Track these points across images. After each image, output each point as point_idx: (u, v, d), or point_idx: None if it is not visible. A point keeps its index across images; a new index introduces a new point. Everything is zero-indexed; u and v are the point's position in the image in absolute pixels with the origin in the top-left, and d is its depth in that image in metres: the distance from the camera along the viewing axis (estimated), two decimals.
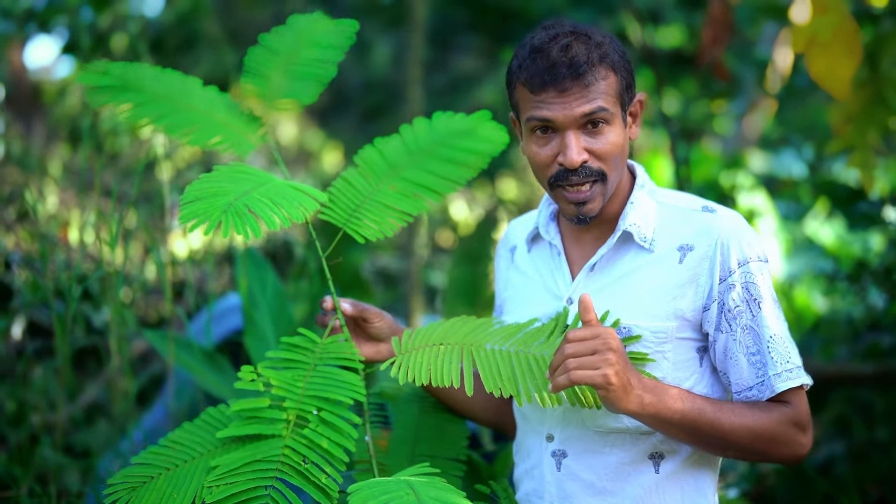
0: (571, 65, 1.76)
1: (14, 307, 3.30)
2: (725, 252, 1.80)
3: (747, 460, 1.81)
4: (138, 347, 3.82)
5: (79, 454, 3.01)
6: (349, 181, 2.02)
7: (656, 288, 1.83)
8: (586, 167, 1.79)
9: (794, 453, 1.80)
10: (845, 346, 4.03)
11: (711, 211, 1.86)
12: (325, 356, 1.90)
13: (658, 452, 1.84)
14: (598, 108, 1.77)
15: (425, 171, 2.03)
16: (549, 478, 1.88)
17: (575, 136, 1.78)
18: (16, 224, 4.09)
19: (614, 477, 1.84)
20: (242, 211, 1.67)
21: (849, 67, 2.51)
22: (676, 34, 6.66)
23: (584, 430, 1.85)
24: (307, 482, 1.73)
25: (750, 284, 1.80)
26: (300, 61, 2.05)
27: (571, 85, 1.76)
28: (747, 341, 1.79)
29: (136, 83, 1.95)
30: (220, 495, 1.69)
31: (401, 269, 5.95)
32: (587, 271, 1.90)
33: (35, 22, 5.00)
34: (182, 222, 1.64)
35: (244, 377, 1.83)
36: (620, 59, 1.83)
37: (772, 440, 1.77)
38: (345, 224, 1.97)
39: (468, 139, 2.07)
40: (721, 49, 3.45)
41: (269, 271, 2.95)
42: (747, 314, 1.79)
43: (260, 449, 1.75)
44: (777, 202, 5.19)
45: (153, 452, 1.80)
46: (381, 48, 10.57)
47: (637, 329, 1.82)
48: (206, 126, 1.95)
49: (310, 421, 1.79)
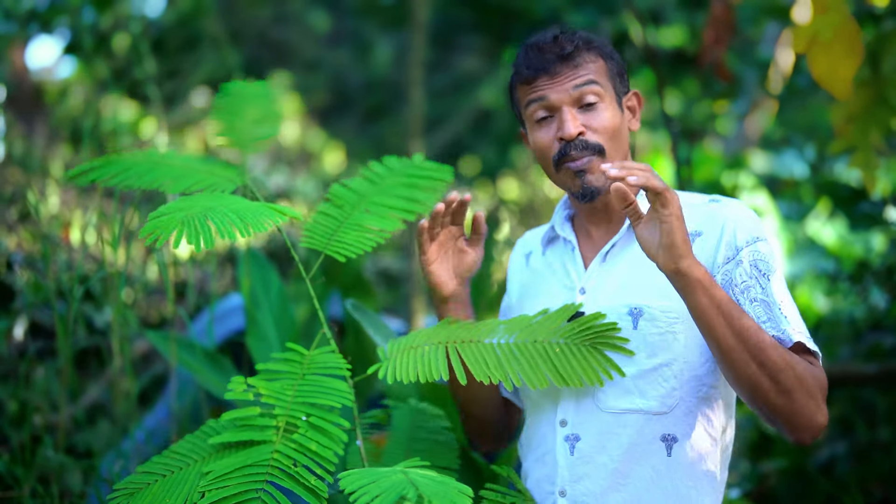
0: (559, 50, 1.90)
1: (16, 308, 3.30)
2: (731, 234, 1.86)
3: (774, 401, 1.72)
4: (140, 348, 3.83)
5: (81, 454, 3.01)
6: (325, 213, 2.19)
7: None
8: (583, 140, 1.89)
9: (815, 417, 1.74)
10: (847, 346, 4.03)
11: (717, 201, 1.93)
12: (314, 366, 1.97)
13: (670, 434, 1.86)
14: (588, 81, 1.90)
15: (393, 196, 2.21)
16: (561, 462, 1.91)
17: (570, 111, 1.90)
18: (18, 224, 4.09)
19: (627, 458, 1.86)
20: (200, 221, 1.78)
21: (850, 67, 2.51)
22: (678, 34, 6.66)
23: (598, 413, 1.88)
24: (297, 484, 1.77)
25: (759, 261, 1.84)
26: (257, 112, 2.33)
27: (561, 67, 1.90)
28: (758, 312, 1.80)
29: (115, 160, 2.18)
30: (212, 499, 1.73)
31: (403, 269, 5.96)
32: (600, 260, 1.96)
33: (37, 22, 5.01)
34: (140, 236, 1.77)
35: (235, 388, 1.89)
36: (610, 52, 1.96)
37: (801, 381, 1.72)
38: (325, 248, 2.11)
39: (420, 170, 2.26)
40: (723, 49, 3.45)
41: (272, 272, 2.96)
42: (756, 288, 1.82)
43: (251, 454, 1.80)
44: (779, 202, 5.19)
45: (154, 462, 1.86)
46: (383, 48, 10.57)
47: (648, 309, 1.86)
48: (185, 175, 2.15)
49: (299, 426, 1.84)
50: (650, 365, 1.85)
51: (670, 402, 1.85)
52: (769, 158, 6.91)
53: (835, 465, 3.46)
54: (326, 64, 10.59)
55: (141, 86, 4.15)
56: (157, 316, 4.27)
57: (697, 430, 1.87)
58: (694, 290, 1.71)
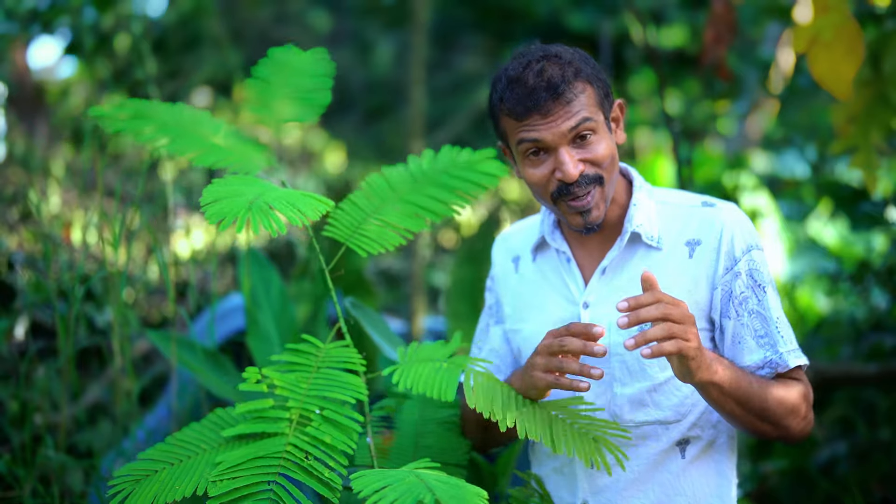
0: (549, 87, 1.84)
1: (17, 307, 3.31)
2: (730, 242, 1.89)
3: (767, 435, 1.89)
4: (141, 348, 3.83)
5: (82, 454, 3.01)
6: (354, 202, 2.12)
7: (672, 284, 1.90)
8: (585, 176, 1.86)
9: (806, 427, 1.89)
10: (848, 346, 4.03)
11: (711, 205, 1.95)
12: (328, 359, 1.96)
13: (685, 439, 1.92)
14: (583, 119, 1.84)
15: (426, 196, 2.14)
16: (581, 475, 1.96)
17: (567, 151, 1.85)
18: (19, 224, 4.09)
19: (646, 467, 1.92)
20: (265, 208, 1.73)
21: (851, 67, 2.50)
22: (679, 34, 6.66)
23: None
24: (310, 477, 1.76)
25: (754, 271, 1.89)
26: (301, 89, 2.21)
27: (553, 106, 1.84)
28: (755, 325, 1.88)
29: (147, 112, 2.11)
30: (223, 489, 1.72)
31: (404, 269, 5.96)
32: (599, 274, 1.96)
33: (38, 22, 5.00)
34: (210, 222, 1.71)
35: (249, 378, 1.87)
36: (593, 71, 1.91)
37: (793, 412, 1.85)
38: (347, 239, 2.07)
39: (469, 171, 2.19)
40: (724, 49, 3.45)
41: (273, 272, 2.96)
42: (753, 299, 1.88)
43: (263, 446, 1.79)
44: (780, 202, 5.18)
45: (159, 449, 1.84)
46: (384, 48, 10.57)
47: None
48: (213, 149, 2.09)
49: (312, 419, 1.83)
50: (663, 378, 1.90)
51: (683, 409, 1.91)
52: (770, 158, 6.90)
53: (835, 465, 3.45)
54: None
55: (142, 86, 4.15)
56: (158, 316, 4.27)
57: (706, 428, 1.93)
58: (707, 391, 1.79)
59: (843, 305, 4.67)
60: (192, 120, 2.15)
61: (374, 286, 3.64)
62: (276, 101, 2.19)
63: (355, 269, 3.39)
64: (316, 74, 2.23)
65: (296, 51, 2.28)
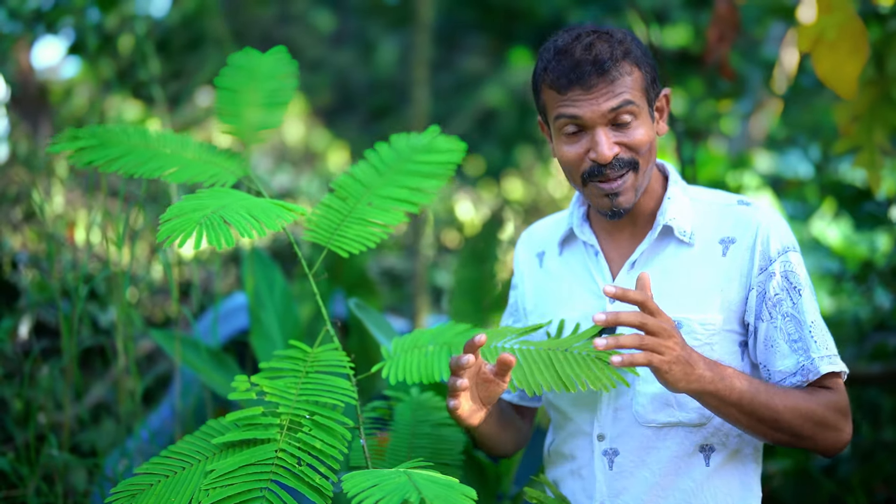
0: (596, 62, 1.79)
1: (21, 307, 3.31)
2: (765, 242, 1.84)
3: (793, 446, 1.83)
4: (144, 347, 3.83)
5: (85, 453, 3.01)
6: (328, 205, 2.14)
7: (703, 281, 1.86)
8: (619, 159, 1.82)
9: (839, 440, 1.81)
10: (852, 346, 4.02)
11: (748, 204, 1.90)
12: (317, 364, 1.96)
13: (708, 444, 1.86)
14: (625, 102, 1.80)
15: (397, 187, 2.15)
16: (599, 477, 1.90)
17: (604, 132, 1.81)
18: (23, 224, 4.10)
19: (668, 471, 1.86)
20: (217, 222, 1.75)
21: (855, 67, 2.50)
22: (682, 34, 6.66)
23: (637, 428, 1.87)
24: (302, 483, 1.76)
25: (790, 273, 1.84)
26: (267, 92, 2.23)
27: (597, 82, 1.79)
28: (788, 328, 1.82)
29: (112, 140, 2.11)
30: (216, 497, 1.72)
31: (406, 269, 5.96)
32: (628, 268, 1.92)
33: (42, 22, 5.01)
34: (158, 239, 1.73)
35: (239, 387, 1.88)
36: (643, 55, 1.86)
37: (820, 423, 1.78)
38: (328, 242, 2.08)
39: (429, 153, 2.20)
40: (727, 49, 3.44)
41: (276, 271, 2.96)
42: (787, 302, 1.83)
43: (255, 453, 1.79)
44: (783, 202, 5.18)
45: (154, 462, 1.84)
46: (387, 48, 10.57)
47: (687, 322, 1.84)
48: (186, 165, 2.10)
49: (303, 425, 1.84)
50: None
51: (708, 413, 1.85)
52: (774, 158, 6.90)
53: (838, 465, 3.45)
54: (330, 64, 10.60)
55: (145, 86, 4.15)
56: (162, 315, 4.27)
57: (732, 435, 1.87)
58: (704, 400, 1.75)
59: (847, 305, 4.66)
60: (160, 140, 2.16)
61: (377, 286, 3.64)
62: (245, 108, 2.21)
63: (358, 268, 3.40)
64: (279, 75, 2.26)
65: (255, 54, 2.30)
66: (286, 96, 2.24)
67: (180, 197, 3.43)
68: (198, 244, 1.71)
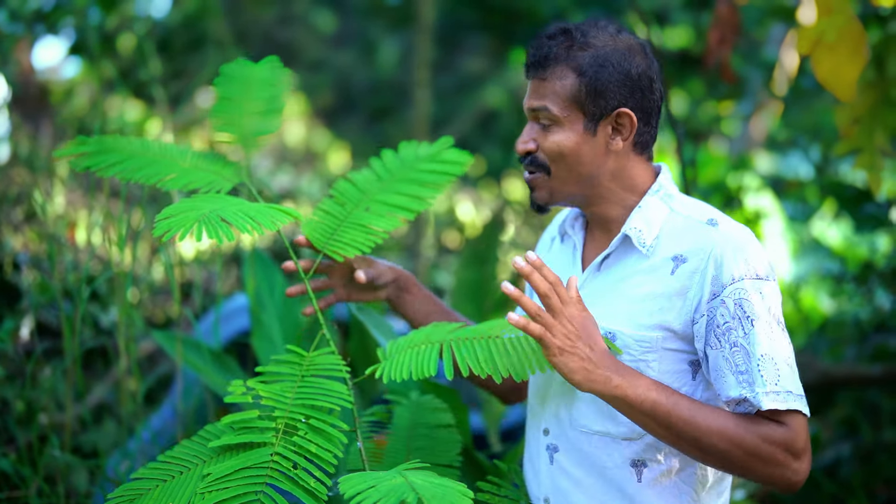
0: (537, 59, 1.86)
1: (22, 308, 3.31)
2: (718, 267, 1.76)
3: (734, 473, 1.76)
4: (146, 348, 3.83)
5: (87, 454, 3.02)
6: (326, 210, 2.16)
7: (645, 296, 1.82)
8: (532, 156, 1.88)
9: (784, 477, 1.72)
10: (852, 347, 4.03)
11: (714, 225, 1.82)
12: (313, 368, 1.97)
13: (640, 460, 1.83)
14: (541, 107, 1.85)
15: (395, 193, 2.18)
16: (543, 469, 1.93)
17: (530, 126, 1.89)
18: (24, 225, 4.10)
19: (600, 478, 1.85)
20: (216, 220, 1.77)
21: (855, 69, 2.50)
22: (683, 35, 6.66)
23: (573, 430, 1.87)
24: (297, 486, 1.77)
25: (743, 301, 1.74)
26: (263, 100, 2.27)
27: (533, 75, 1.88)
28: (736, 359, 1.73)
29: (111, 147, 2.15)
30: (211, 500, 1.73)
31: (407, 269, 5.96)
32: (594, 269, 1.92)
33: (43, 23, 5.02)
34: (155, 235, 1.75)
35: (235, 391, 1.89)
36: (597, 66, 1.82)
37: (754, 455, 1.70)
38: (324, 247, 2.10)
39: (433, 163, 2.23)
40: (727, 50, 3.45)
41: (277, 273, 2.96)
42: (738, 331, 1.74)
43: (250, 457, 1.80)
44: (784, 203, 5.19)
45: (151, 468, 1.85)
46: (388, 48, 10.58)
47: (621, 335, 1.82)
48: (182, 172, 2.14)
49: (299, 428, 1.84)
50: None
51: (640, 429, 1.81)
52: (774, 159, 6.91)
53: (839, 466, 3.46)
54: (331, 64, 10.61)
55: (146, 86, 4.16)
56: (163, 316, 4.28)
57: (668, 456, 1.83)
58: (617, 405, 1.73)
59: (848, 306, 4.67)
60: (159, 148, 2.19)
61: None
62: (242, 117, 2.24)
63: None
64: (273, 83, 2.30)
65: (248, 63, 2.34)
66: (280, 103, 2.28)
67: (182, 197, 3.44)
68: (198, 237, 1.72)
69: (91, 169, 2.09)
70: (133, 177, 2.08)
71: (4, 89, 4.66)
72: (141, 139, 2.21)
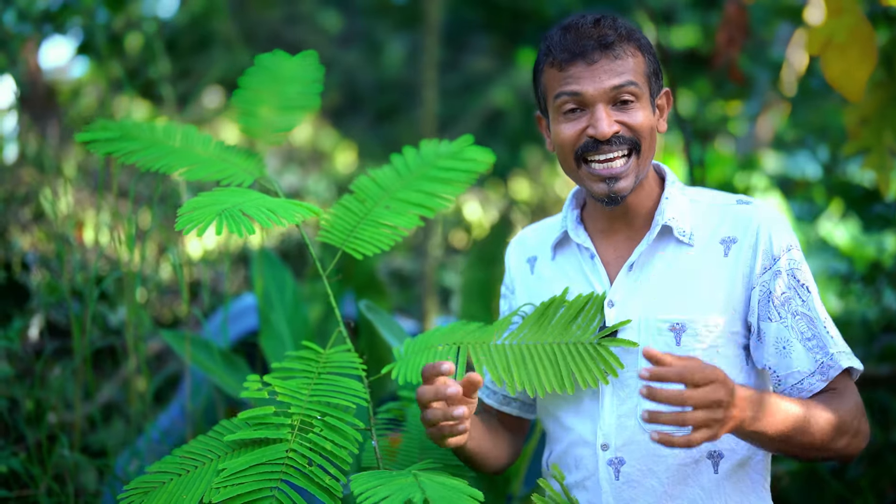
0: (600, 38, 1.78)
1: (31, 307, 3.32)
2: (768, 240, 1.79)
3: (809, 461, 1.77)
4: (154, 347, 3.84)
5: (96, 453, 3.02)
6: (346, 206, 2.15)
7: (705, 282, 1.81)
8: (619, 137, 1.79)
9: (856, 446, 1.75)
10: (860, 347, 4.02)
11: (748, 203, 1.86)
12: (329, 365, 1.97)
13: (717, 451, 1.81)
14: (628, 82, 1.78)
15: (416, 191, 2.16)
16: (606, 487, 1.83)
17: (605, 108, 1.78)
18: (32, 224, 4.11)
19: (676, 479, 1.80)
20: (237, 214, 1.76)
21: (865, 71, 2.49)
22: (690, 34, 6.66)
23: (643, 435, 1.81)
24: (312, 483, 1.77)
25: (796, 270, 1.79)
26: (289, 97, 2.24)
27: (600, 57, 1.77)
28: (801, 327, 1.77)
29: (133, 133, 2.13)
30: (226, 495, 1.73)
31: (415, 269, 5.96)
32: (626, 271, 1.87)
33: (50, 23, 5.02)
34: (177, 228, 1.74)
35: (251, 386, 1.88)
36: (648, 44, 1.85)
37: (841, 432, 1.72)
38: (342, 244, 2.08)
39: (454, 160, 2.20)
40: (736, 50, 3.44)
41: (286, 272, 2.97)
42: (797, 300, 1.78)
43: (266, 453, 1.80)
44: (791, 203, 5.18)
45: (167, 461, 1.85)
46: (395, 48, 10.59)
47: (691, 324, 1.79)
48: (203, 163, 2.11)
49: (314, 425, 1.84)
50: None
51: None
52: (782, 159, 6.89)
53: (847, 467, 3.45)
54: (338, 64, 10.60)
55: (154, 86, 4.16)
56: (171, 315, 4.29)
57: (739, 443, 1.81)
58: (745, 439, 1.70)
59: (855, 306, 4.66)
60: (182, 136, 2.16)
61: (386, 287, 3.64)
62: (265, 110, 2.21)
63: (367, 269, 3.40)
64: (304, 80, 2.25)
65: (284, 56, 2.30)
66: (309, 101, 2.23)
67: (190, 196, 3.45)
68: (219, 231, 1.71)
69: (112, 155, 2.07)
70: (153, 166, 2.06)
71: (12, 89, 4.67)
72: (164, 125, 2.18)
